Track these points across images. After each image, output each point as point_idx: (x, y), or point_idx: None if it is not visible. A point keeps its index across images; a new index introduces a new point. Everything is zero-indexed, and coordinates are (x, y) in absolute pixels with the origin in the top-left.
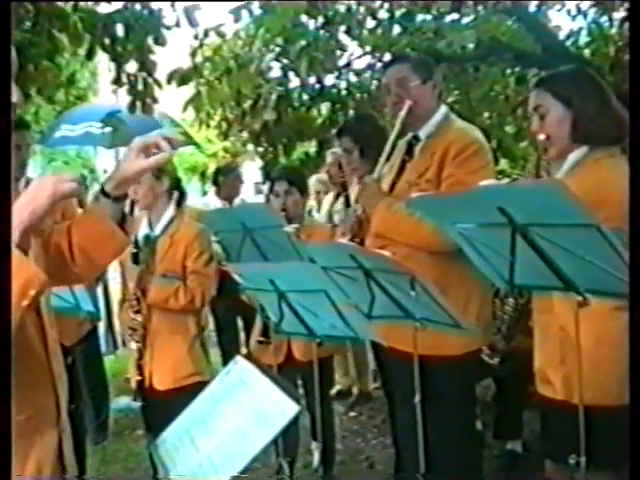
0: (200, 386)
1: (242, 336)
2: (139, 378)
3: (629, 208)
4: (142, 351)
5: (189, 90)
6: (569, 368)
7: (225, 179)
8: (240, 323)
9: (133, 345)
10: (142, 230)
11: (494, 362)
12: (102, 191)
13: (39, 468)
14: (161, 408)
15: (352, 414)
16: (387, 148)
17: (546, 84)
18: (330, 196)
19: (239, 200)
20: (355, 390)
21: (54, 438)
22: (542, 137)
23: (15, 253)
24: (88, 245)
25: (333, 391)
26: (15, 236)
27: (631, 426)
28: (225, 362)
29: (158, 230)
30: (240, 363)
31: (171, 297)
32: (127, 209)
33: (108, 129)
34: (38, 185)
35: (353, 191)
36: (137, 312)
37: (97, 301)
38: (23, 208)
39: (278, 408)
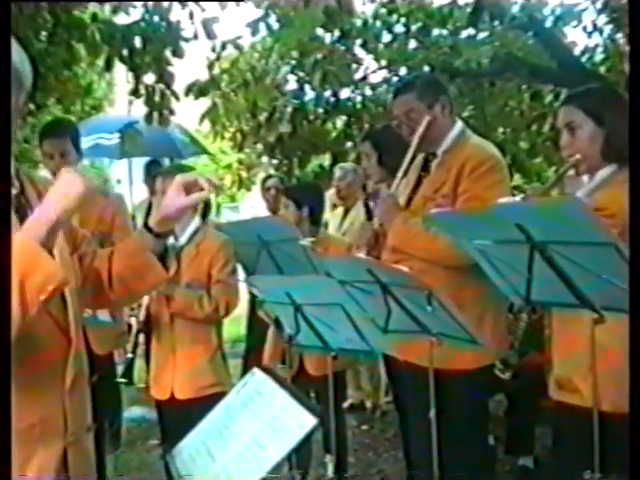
0: (220, 397)
1: None
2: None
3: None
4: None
5: (205, 102)
6: (599, 375)
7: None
8: None
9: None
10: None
11: (506, 377)
12: (145, 226)
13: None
14: (180, 417)
15: (364, 427)
16: (405, 163)
17: (578, 100)
18: (340, 210)
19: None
20: (368, 404)
21: (58, 450)
22: (577, 155)
23: (37, 248)
24: (127, 274)
25: (345, 405)
26: (42, 233)
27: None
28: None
29: (183, 240)
30: (257, 375)
31: (195, 305)
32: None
33: (118, 140)
34: (67, 182)
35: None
36: (131, 316)
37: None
38: (53, 205)
39: (296, 420)
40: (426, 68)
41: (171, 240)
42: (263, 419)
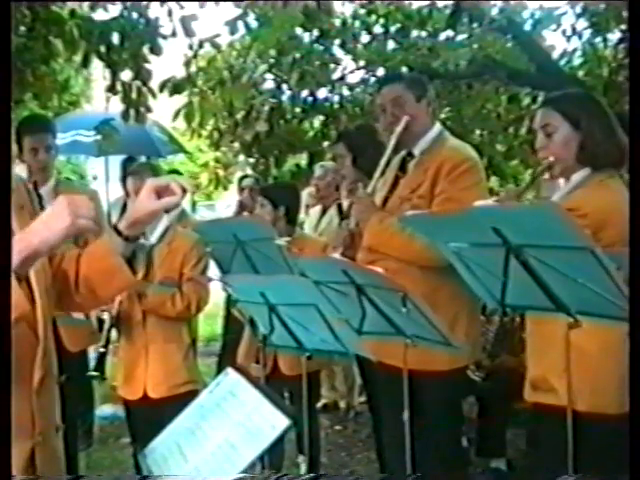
0: (193, 395)
1: None
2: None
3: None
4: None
5: (183, 99)
6: (574, 375)
7: None
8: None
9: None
10: None
11: (478, 378)
12: (115, 229)
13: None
14: (152, 416)
15: (337, 428)
16: (382, 163)
17: (555, 104)
18: (317, 209)
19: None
20: (342, 404)
21: (26, 450)
22: (551, 157)
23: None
24: (94, 277)
25: (319, 405)
26: (16, 261)
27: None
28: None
29: (154, 239)
30: (230, 375)
31: (168, 303)
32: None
33: (96, 137)
34: (55, 212)
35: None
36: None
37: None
38: (35, 233)
39: (268, 421)
40: (404, 69)
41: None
42: (236, 419)
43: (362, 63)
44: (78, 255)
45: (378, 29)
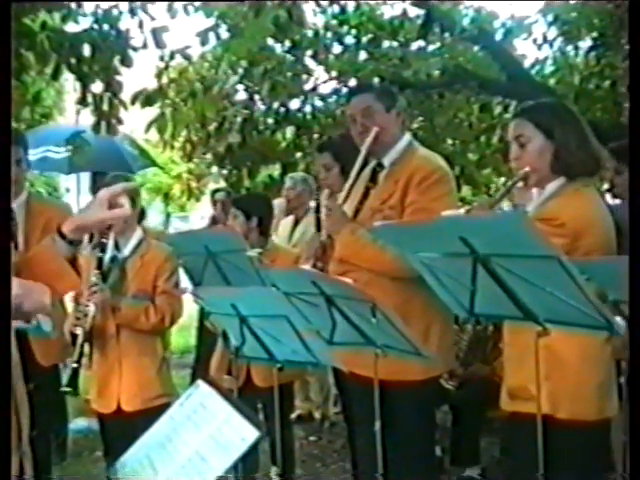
0: (168, 407)
1: None
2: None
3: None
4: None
5: (154, 111)
6: (554, 383)
7: None
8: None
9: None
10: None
11: (451, 386)
12: (59, 231)
13: None
14: (126, 429)
15: (312, 438)
16: (352, 175)
17: (528, 114)
18: (288, 220)
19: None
20: (317, 414)
21: (15, 464)
22: (527, 168)
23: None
24: (38, 281)
25: (293, 415)
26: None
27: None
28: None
29: (127, 251)
30: (201, 387)
31: (141, 316)
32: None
33: (67, 154)
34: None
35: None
36: (76, 325)
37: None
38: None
39: (238, 433)
40: (376, 79)
41: (114, 251)
42: (206, 432)
43: (334, 74)
44: (19, 261)
45: (350, 40)
